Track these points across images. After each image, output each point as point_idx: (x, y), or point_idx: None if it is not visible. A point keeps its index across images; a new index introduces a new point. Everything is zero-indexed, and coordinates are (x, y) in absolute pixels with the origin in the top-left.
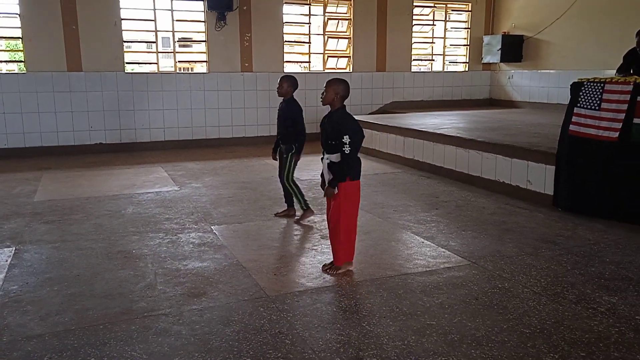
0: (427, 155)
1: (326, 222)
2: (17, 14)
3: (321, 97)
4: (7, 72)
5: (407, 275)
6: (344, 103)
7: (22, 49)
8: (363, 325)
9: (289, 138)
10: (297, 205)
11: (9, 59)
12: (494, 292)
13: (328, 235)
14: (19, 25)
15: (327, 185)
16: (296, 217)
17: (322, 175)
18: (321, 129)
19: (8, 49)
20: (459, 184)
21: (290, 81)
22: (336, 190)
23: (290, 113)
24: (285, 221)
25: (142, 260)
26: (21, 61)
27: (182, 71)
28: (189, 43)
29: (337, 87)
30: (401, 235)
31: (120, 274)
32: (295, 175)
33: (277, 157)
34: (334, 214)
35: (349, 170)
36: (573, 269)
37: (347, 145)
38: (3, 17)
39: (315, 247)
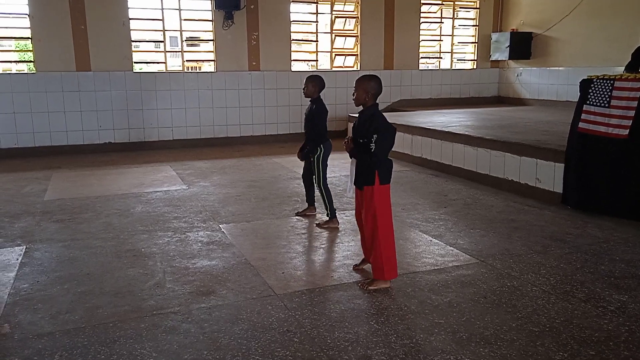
0: (435, 153)
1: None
2: (26, 14)
3: (353, 98)
4: (17, 72)
5: (416, 274)
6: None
7: (31, 49)
8: (371, 324)
9: (313, 139)
10: (324, 209)
11: (18, 59)
12: (503, 291)
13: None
14: (29, 26)
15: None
16: (318, 222)
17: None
18: (353, 128)
19: (18, 49)
20: (467, 182)
21: (315, 81)
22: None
23: (312, 113)
24: (294, 219)
25: (151, 259)
26: (31, 61)
27: (190, 70)
28: (196, 42)
29: (367, 85)
30: (409, 234)
31: (129, 273)
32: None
33: (303, 158)
34: (368, 224)
35: (374, 167)
36: (582, 267)
37: (374, 144)
38: (13, 17)
39: (323, 246)
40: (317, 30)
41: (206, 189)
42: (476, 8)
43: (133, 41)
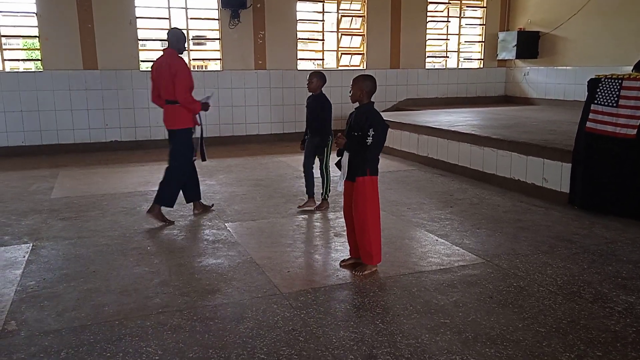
0: (441, 152)
1: (339, 220)
2: (34, 13)
3: (349, 95)
4: (25, 70)
5: (421, 273)
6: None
7: (38, 47)
8: (377, 323)
9: (322, 131)
10: (318, 192)
11: (26, 58)
12: (509, 291)
13: (345, 232)
14: (36, 24)
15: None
16: (308, 207)
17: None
18: (347, 124)
19: (25, 47)
20: (473, 182)
21: (319, 77)
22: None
23: (322, 107)
24: (299, 218)
25: (156, 257)
26: (38, 59)
27: (196, 69)
28: (203, 41)
29: (362, 83)
30: (415, 233)
31: (135, 271)
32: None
33: (304, 148)
34: (358, 213)
35: (367, 161)
36: (589, 268)
37: (370, 138)
38: (20, 16)
39: (329, 245)
40: (323, 29)
41: (212, 187)
42: (483, 7)
43: (140, 40)
